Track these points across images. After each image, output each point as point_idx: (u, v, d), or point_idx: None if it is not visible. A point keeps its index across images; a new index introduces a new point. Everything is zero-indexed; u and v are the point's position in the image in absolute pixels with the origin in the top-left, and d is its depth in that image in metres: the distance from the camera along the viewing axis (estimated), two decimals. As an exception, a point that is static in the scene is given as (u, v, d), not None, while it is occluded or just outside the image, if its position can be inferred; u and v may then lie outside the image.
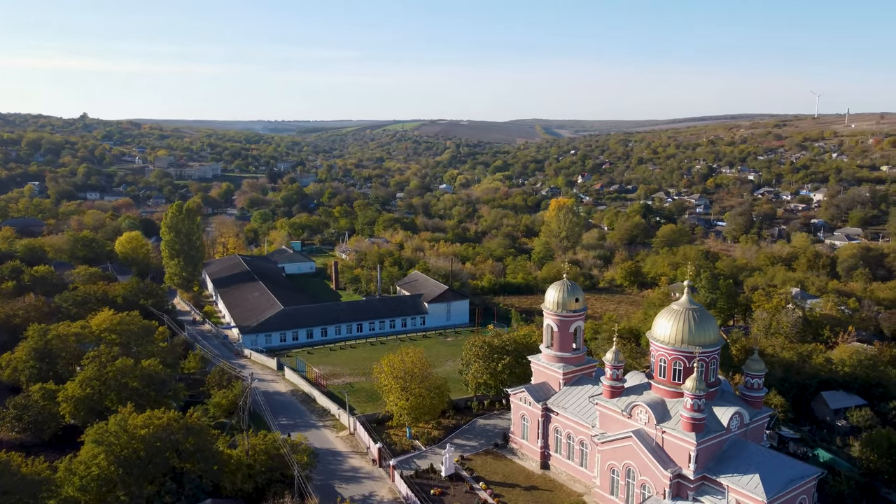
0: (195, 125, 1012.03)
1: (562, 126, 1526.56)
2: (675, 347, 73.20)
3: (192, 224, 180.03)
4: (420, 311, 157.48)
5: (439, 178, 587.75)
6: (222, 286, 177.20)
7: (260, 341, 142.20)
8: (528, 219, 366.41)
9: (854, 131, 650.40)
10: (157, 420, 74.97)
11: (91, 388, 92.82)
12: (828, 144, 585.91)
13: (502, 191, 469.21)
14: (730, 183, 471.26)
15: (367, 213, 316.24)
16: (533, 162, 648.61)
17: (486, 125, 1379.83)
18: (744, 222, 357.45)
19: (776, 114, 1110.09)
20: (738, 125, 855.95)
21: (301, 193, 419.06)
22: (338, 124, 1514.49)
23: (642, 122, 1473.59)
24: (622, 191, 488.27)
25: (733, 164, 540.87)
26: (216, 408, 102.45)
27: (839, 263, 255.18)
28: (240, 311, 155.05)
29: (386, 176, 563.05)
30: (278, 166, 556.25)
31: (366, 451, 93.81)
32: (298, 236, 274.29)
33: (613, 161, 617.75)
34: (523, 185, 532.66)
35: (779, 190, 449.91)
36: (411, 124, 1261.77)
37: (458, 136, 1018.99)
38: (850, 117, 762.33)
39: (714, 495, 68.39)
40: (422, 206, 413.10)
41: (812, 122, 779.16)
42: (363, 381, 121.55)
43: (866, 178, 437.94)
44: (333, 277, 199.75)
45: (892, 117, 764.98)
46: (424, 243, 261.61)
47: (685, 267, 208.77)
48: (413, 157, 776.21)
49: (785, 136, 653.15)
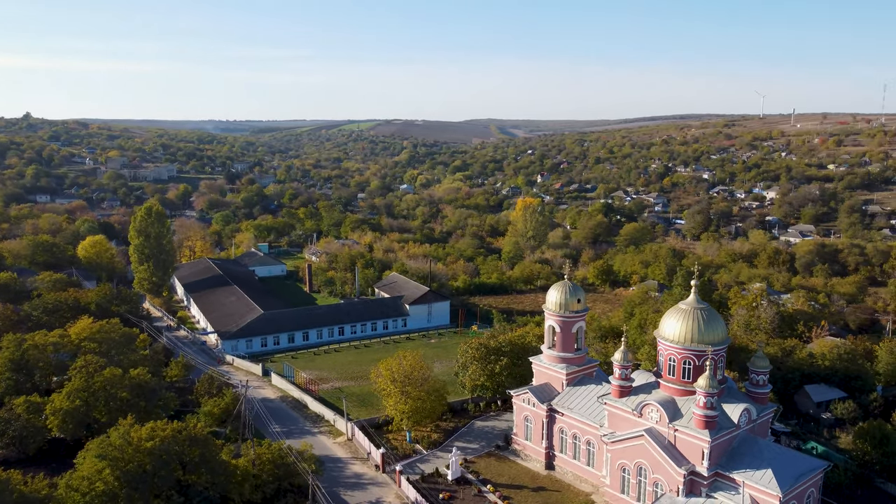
0: (145, 125, 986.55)
1: (516, 126, 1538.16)
2: (685, 346, 74.24)
3: (161, 227, 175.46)
4: (401, 314, 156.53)
5: (399, 178, 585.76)
6: (194, 291, 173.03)
7: (240, 347, 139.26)
8: (493, 218, 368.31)
9: (800, 131, 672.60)
10: (162, 432, 72.62)
11: (80, 399, 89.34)
12: (776, 144, 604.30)
13: (464, 191, 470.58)
14: (685, 182, 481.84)
15: (332, 215, 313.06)
16: (492, 162, 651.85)
17: (441, 125, 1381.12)
18: (702, 220, 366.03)
19: (723, 114, 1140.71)
20: (688, 125, 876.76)
21: (261, 194, 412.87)
22: (292, 124, 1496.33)
23: (595, 122, 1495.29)
24: (582, 190, 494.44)
25: (688, 163, 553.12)
26: (208, 417, 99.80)
27: (797, 260, 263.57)
28: (216, 316, 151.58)
29: (346, 176, 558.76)
30: (235, 167, 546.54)
31: (366, 457, 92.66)
32: (264, 239, 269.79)
33: (571, 161, 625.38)
34: (483, 185, 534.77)
35: (733, 188, 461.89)
36: (367, 124, 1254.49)
37: (414, 136, 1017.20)
38: (796, 117, 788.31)
39: (727, 491, 69.57)
40: (385, 207, 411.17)
41: (760, 123, 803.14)
42: (352, 385, 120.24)
43: (815, 177, 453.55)
44: (307, 280, 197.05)
45: (833, 117, 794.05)
46: (394, 244, 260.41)
47: (656, 265, 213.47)
48: (371, 158, 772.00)
49: (735, 136, 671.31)
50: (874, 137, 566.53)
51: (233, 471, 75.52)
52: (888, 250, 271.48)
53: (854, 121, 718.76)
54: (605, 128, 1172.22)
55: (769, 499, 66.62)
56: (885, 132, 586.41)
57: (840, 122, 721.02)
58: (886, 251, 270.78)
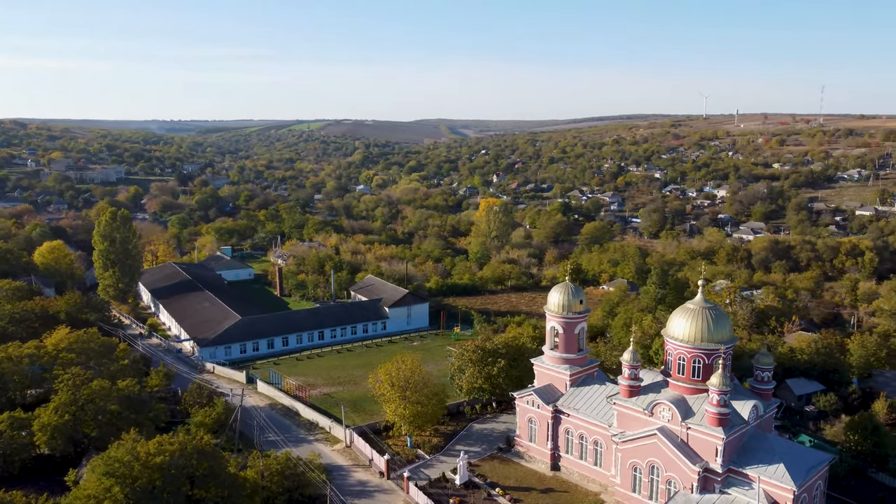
0: (86, 125, 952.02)
1: (466, 126, 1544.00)
2: (695, 345, 75.45)
3: (127, 232, 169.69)
4: (381, 316, 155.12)
5: (354, 178, 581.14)
6: (163, 297, 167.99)
7: (219, 354, 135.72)
8: (454, 219, 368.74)
9: (744, 131, 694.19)
10: (170, 446, 70.01)
11: (68, 414, 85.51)
12: (723, 143, 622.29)
13: (422, 191, 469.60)
14: (639, 181, 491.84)
15: (294, 217, 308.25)
16: (447, 162, 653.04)
17: (391, 125, 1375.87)
18: (658, 219, 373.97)
19: (668, 114, 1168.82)
20: (636, 125, 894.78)
21: (216, 196, 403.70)
22: (239, 124, 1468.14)
23: (544, 122, 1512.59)
24: (538, 189, 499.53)
25: (639, 162, 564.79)
26: (199, 427, 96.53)
27: (754, 256, 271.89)
28: (191, 322, 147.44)
29: (300, 177, 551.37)
30: (186, 168, 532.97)
31: (368, 464, 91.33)
32: (226, 242, 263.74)
33: (525, 160, 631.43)
34: (440, 186, 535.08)
35: (684, 187, 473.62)
36: (317, 124, 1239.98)
37: (365, 136, 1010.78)
38: (739, 118, 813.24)
39: (740, 486, 70.98)
40: (343, 208, 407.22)
41: (705, 123, 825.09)
42: (341, 390, 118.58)
43: (762, 175, 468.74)
44: (277, 284, 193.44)
45: (774, 118, 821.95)
46: (360, 246, 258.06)
47: (624, 264, 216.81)
48: (323, 158, 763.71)
49: (683, 136, 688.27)
50: (814, 137, 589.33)
51: (242, 483, 73.35)
52: (837, 246, 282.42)
53: (794, 121, 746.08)
54: (554, 128, 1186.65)
55: (783, 493, 68.23)
56: (824, 132, 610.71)
57: (781, 122, 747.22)
58: (836, 247, 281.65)
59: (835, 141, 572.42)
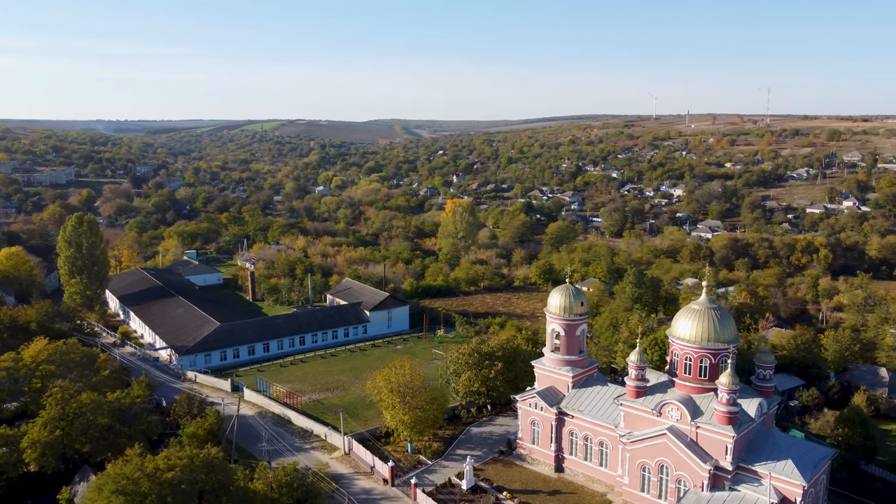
0: (29, 125, 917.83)
1: (420, 126, 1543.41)
2: (702, 345, 76.65)
3: (94, 237, 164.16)
4: (361, 320, 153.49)
5: (312, 179, 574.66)
6: (133, 304, 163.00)
7: (199, 362, 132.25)
8: (418, 219, 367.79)
9: (695, 131, 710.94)
10: (179, 460, 67.81)
11: (59, 429, 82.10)
12: (676, 143, 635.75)
13: (383, 192, 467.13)
14: (597, 181, 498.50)
15: (258, 219, 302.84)
16: (405, 162, 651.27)
17: (346, 125, 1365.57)
18: (619, 218, 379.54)
19: (620, 114, 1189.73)
20: (590, 125, 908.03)
21: (173, 199, 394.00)
22: (190, 124, 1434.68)
23: (497, 122, 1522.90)
24: (498, 190, 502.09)
25: (596, 162, 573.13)
26: (191, 439, 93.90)
27: (715, 254, 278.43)
28: (166, 330, 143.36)
29: (257, 179, 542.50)
30: (139, 170, 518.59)
31: (370, 471, 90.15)
32: (189, 245, 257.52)
33: (484, 161, 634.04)
34: (400, 186, 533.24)
35: (642, 186, 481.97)
36: (270, 124, 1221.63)
37: (320, 137, 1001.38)
38: (690, 118, 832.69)
39: (750, 483, 72.38)
40: (304, 210, 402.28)
41: (656, 123, 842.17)
42: (331, 396, 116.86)
43: (716, 175, 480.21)
44: (250, 288, 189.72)
45: (723, 118, 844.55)
46: (328, 248, 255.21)
47: (596, 263, 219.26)
48: (279, 159, 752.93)
49: (637, 136, 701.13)
50: (763, 137, 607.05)
51: (252, 497, 71.56)
52: (793, 244, 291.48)
53: (742, 121, 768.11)
54: (507, 128, 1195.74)
55: (793, 488, 69.83)
56: (772, 132, 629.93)
57: (730, 122, 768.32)
58: (792, 244, 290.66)
59: (782, 141, 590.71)
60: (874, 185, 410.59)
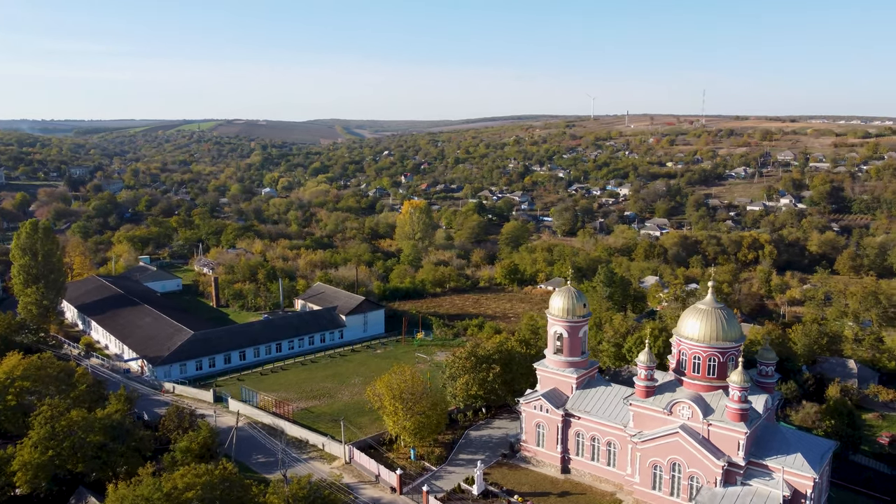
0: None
1: (361, 126, 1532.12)
2: (710, 345, 78.35)
3: (51, 244, 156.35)
4: (338, 325, 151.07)
5: (257, 181, 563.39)
6: (94, 313, 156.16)
7: (174, 372, 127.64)
8: (371, 221, 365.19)
9: (635, 131, 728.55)
10: (198, 478, 65.14)
11: (53, 450, 77.76)
12: (617, 143, 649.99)
13: (333, 194, 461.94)
14: (545, 180, 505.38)
15: (209, 223, 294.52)
16: (351, 163, 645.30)
17: (285, 125, 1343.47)
18: (570, 217, 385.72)
19: (559, 115, 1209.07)
20: (532, 125, 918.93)
21: (114, 202, 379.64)
22: (122, 124, 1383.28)
23: (438, 122, 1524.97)
24: (448, 190, 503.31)
25: (542, 162, 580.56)
26: (185, 454, 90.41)
27: (668, 251, 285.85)
28: (135, 340, 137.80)
29: (200, 180, 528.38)
30: (74, 172, 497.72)
31: (375, 480, 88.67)
32: (141, 251, 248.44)
33: (430, 161, 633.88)
34: (348, 187, 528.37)
35: (588, 186, 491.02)
36: (207, 124, 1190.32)
37: (260, 137, 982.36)
38: (629, 118, 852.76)
39: (761, 477, 74.38)
40: (253, 212, 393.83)
41: (596, 124, 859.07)
42: (319, 404, 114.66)
43: (658, 174, 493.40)
44: (213, 294, 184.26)
45: (660, 118, 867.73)
46: (287, 252, 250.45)
47: (561, 263, 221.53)
48: (220, 160, 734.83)
49: (579, 136, 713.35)
50: (700, 137, 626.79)
51: (270, 512, 69.43)
52: (740, 240, 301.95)
53: (678, 122, 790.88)
54: (449, 128, 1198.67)
55: (804, 481, 72.12)
56: (708, 132, 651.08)
57: (667, 122, 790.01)
58: (738, 241, 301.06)
59: (718, 141, 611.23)
60: (808, 184, 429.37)
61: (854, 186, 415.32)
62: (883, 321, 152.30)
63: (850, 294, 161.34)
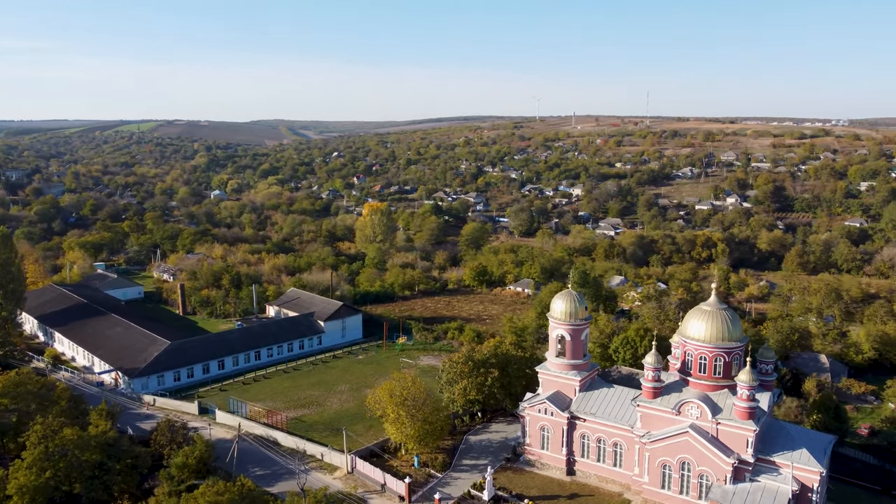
0: None
1: (306, 127, 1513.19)
2: (716, 345, 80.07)
3: (9, 252, 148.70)
4: (316, 331, 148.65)
5: (204, 183, 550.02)
6: (57, 324, 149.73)
7: (152, 384, 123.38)
8: (329, 223, 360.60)
9: (582, 132, 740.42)
10: (220, 496, 63.05)
11: (49, 470, 74.10)
12: (566, 144, 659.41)
13: (286, 196, 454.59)
14: (498, 181, 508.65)
15: (163, 228, 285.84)
16: (301, 164, 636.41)
17: (228, 126, 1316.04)
18: (526, 218, 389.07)
19: (504, 115, 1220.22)
20: (479, 126, 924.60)
21: (57, 206, 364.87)
22: (55, 125, 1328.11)
23: (384, 122, 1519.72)
24: (402, 191, 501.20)
25: (494, 163, 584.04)
26: (181, 470, 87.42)
27: (626, 250, 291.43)
28: (107, 351, 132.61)
29: (145, 183, 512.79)
30: (10, 174, 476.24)
31: (380, 489, 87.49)
32: (94, 258, 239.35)
33: (382, 162, 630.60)
34: (300, 189, 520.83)
35: (541, 186, 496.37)
36: (147, 125, 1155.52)
37: (203, 138, 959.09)
38: (576, 119, 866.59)
39: (768, 473, 76.43)
40: (205, 215, 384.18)
41: (542, 125, 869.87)
42: (309, 413, 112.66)
43: (609, 174, 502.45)
44: (180, 302, 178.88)
45: (605, 119, 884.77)
46: (248, 256, 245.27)
47: (529, 264, 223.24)
48: (163, 161, 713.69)
49: (528, 137, 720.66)
50: (646, 138, 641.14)
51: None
52: (693, 239, 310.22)
53: (623, 123, 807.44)
54: (396, 129, 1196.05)
55: (811, 475, 74.44)
56: (654, 133, 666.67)
57: (612, 123, 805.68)
58: (692, 240, 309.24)
59: (663, 141, 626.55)
60: (752, 183, 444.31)
61: (795, 186, 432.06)
62: (844, 316, 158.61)
63: (814, 291, 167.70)
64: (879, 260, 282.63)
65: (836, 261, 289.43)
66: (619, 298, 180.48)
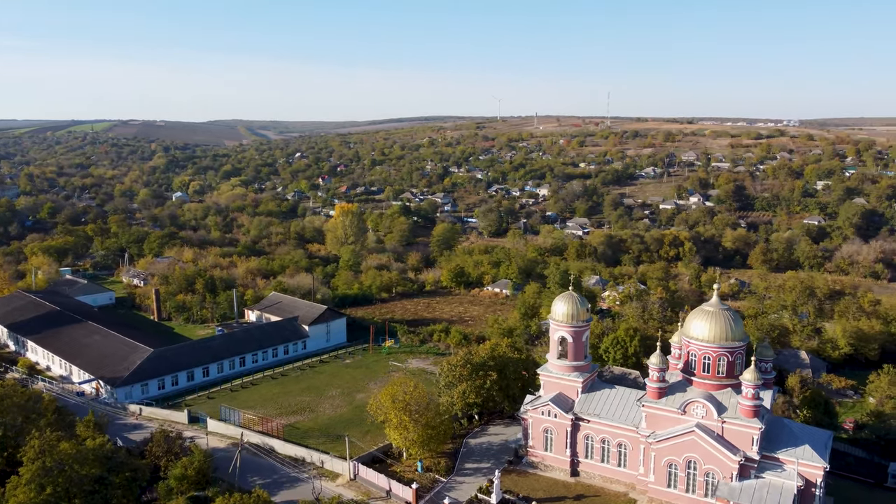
0: None
1: (265, 127, 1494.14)
2: (720, 345, 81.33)
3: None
4: (300, 336, 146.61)
5: (165, 184, 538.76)
6: (29, 332, 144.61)
7: (135, 393, 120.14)
8: (297, 225, 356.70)
9: (544, 132, 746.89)
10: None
11: (50, 486, 71.41)
12: (530, 145, 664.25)
13: (251, 197, 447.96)
14: (464, 182, 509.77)
15: (129, 231, 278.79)
16: (264, 165, 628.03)
17: (186, 126, 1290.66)
18: (494, 218, 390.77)
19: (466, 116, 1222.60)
20: (442, 126, 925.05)
21: (13, 209, 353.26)
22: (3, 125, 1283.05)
23: (345, 122, 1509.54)
24: (368, 192, 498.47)
25: (459, 164, 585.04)
26: (180, 481, 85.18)
27: (597, 250, 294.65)
28: (86, 360, 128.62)
29: (104, 185, 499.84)
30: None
31: (385, 496, 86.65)
32: (60, 263, 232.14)
33: (346, 163, 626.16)
34: (264, 191, 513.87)
35: (508, 186, 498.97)
36: (101, 125, 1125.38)
37: (160, 138, 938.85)
38: (538, 119, 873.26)
39: (773, 469, 77.93)
40: (168, 218, 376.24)
41: (504, 125, 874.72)
42: (302, 419, 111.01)
43: (573, 175, 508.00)
44: (155, 308, 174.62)
45: (566, 120, 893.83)
46: (220, 260, 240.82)
47: (506, 265, 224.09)
48: (119, 162, 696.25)
49: (492, 137, 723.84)
50: (608, 139, 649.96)
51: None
52: (661, 238, 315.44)
53: (584, 123, 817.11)
54: (357, 129, 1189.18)
55: (814, 471, 76.16)
56: (615, 133, 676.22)
57: (574, 124, 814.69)
58: (660, 239, 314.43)
59: (625, 142, 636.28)
60: (713, 183, 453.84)
61: (755, 185, 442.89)
62: (817, 313, 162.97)
63: (788, 288, 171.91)
64: (839, 257, 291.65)
65: (799, 258, 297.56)
66: (598, 298, 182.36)
